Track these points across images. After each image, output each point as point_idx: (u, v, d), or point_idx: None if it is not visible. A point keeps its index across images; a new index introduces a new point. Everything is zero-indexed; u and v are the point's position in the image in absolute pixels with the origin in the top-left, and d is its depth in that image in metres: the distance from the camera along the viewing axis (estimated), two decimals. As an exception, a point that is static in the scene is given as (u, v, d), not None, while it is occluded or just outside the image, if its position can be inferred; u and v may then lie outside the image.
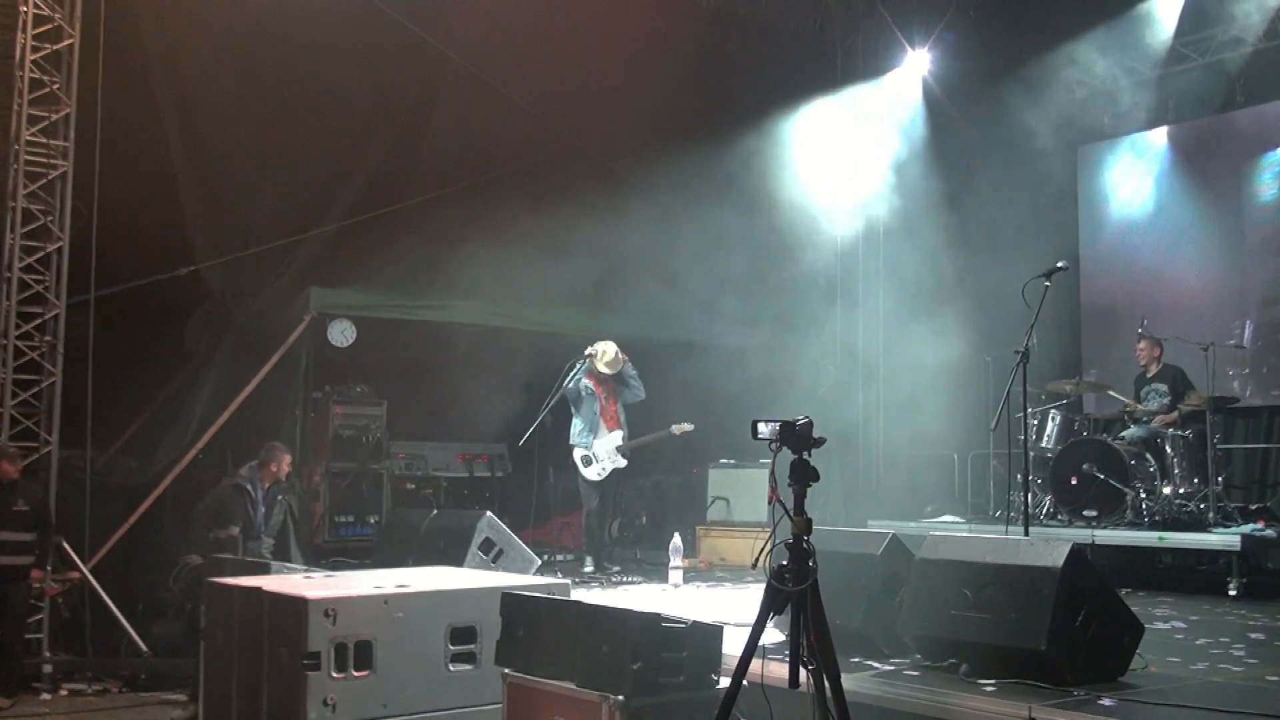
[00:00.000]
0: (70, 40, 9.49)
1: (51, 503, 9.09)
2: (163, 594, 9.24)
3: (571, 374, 10.96)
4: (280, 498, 9.48)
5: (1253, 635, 7.17)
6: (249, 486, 9.32)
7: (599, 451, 10.95)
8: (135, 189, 10.04)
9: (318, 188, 11.38)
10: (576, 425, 11.06)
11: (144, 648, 9.15)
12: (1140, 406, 10.69)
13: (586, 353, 10.94)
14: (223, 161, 10.81)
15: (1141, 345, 10.85)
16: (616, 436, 10.98)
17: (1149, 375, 10.82)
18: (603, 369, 10.87)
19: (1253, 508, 10.62)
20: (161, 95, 10.55)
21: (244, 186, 10.83)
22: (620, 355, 10.95)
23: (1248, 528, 9.51)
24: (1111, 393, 11.11)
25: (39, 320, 9.37)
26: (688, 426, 11.11)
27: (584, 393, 11.01)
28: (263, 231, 10.93)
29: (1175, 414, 10.38)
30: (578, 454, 10.97)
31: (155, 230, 10.52)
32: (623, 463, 10.97)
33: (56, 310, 9.42)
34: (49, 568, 8.83)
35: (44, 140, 9.43)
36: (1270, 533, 9.53)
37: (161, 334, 11.07)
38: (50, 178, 9.45)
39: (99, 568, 9.43)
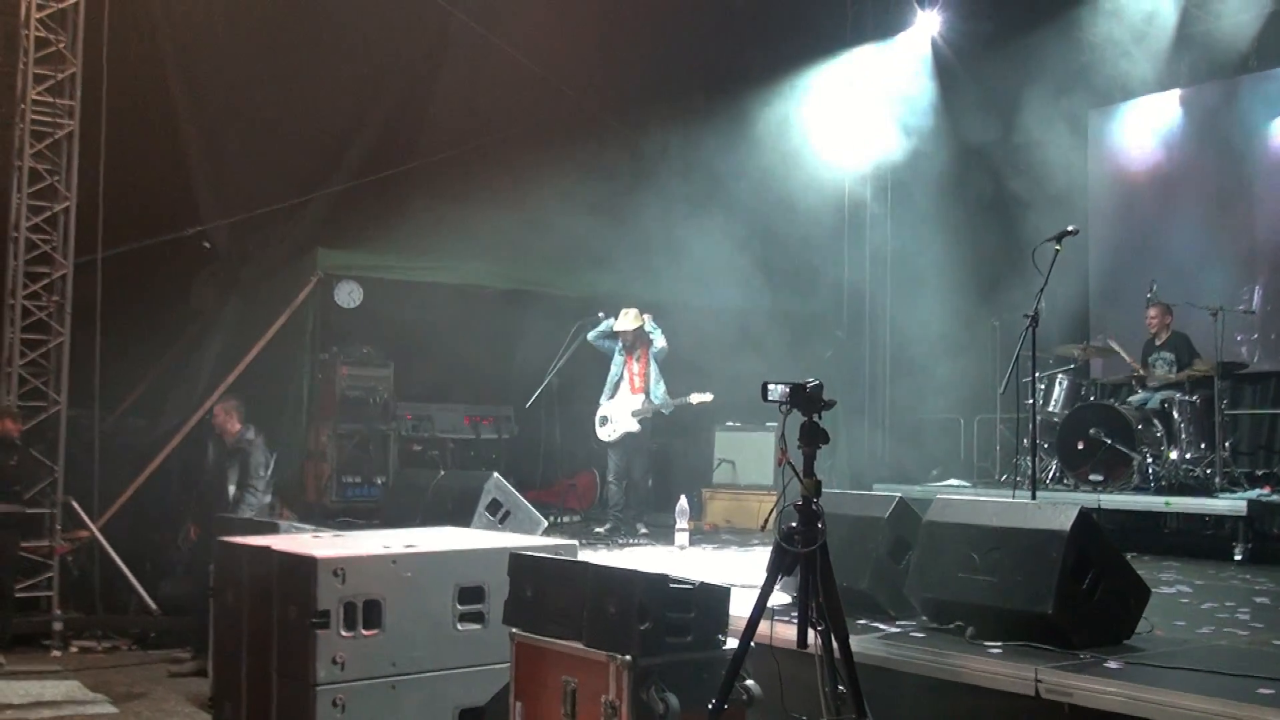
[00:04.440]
0: (75, -2, 9.44)
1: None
2: (170, 553, 9.29)
3: (574, 341, 10.84)
4: None
5: (1258, 600, 7.18)
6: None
7: (613, 413, 10.76)
8: (142, 149, 10.04)
9: (325, 148, 11.35)
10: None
11: (153, 606, 9.21)
12: (1153, 371, 10.65)
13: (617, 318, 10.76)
14: (229, 121, 10.79)
15: (1152, 313, 10.81)
16: (636, 400, 10.71)
17: (1157, 343, 10.79)
18: (624, 326, 10.65)
19: (1259, 473, 10.62)
20: (168, 54, 10.52)
21: (251, 146, 10.80)
22: (638, 313, 10.76)
23: (1254, 493, 9.52)
24: (1114, 344, 11.06)
25: (46, 280, 9.37)
26: (707, 397, 10.70)
27: (613, 353, 10.88)
28: (269, 192, 10.91)
29: (1183, 378, 10.36)
30: (597, 414, 10.86)
31: (162, 190, 10.52)
32: (635, 427, 10.64)
33: (64, 270, 9.42)
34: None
35: (50, 99, 9.40)
36: (1276, 498, 9.52)
37: (168, 294, 11.08)
38: (56, 137, 9.42)
39: (108, 526, 9.48)
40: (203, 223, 10.81)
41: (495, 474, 8.76)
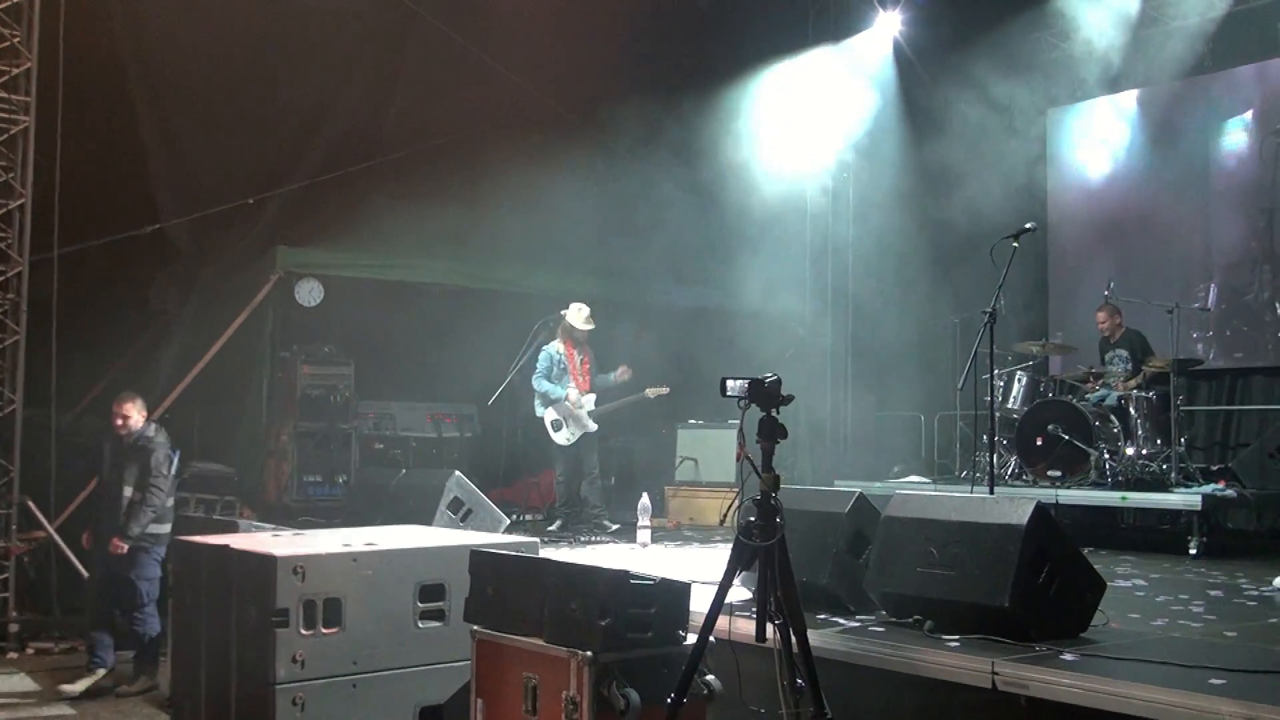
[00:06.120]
0: (31, -8, 9.32)
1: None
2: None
3: (535, 339, 10.81)
4: None
5: (1212, 593, 7.28)
6: None
7: (566, 414, 10.68)
8: (99, 145, 9.94)
9: (285, 145, 11.27)
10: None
11: (111, 607, 9.11)
12: (1107, 369, 10.79)
13: (560, 314, 10.73)
14: (188, 117, 10.70)
15: (1101, 316, 10.96)
16: (588, 400, 10.73)
17: (1112, 341, 10.93)
18: (583, 325, 10.63)
19: (1214, 468, 10.76)
20: (125, 50, 10.42)
21: (210, 143, 10.72)
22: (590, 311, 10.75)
23: (1209, 488, 9.63)
24: (1081, 367, 11.21)
25: (1, 278, 9.25)
26: (663, 390, 10.86)
27: (555, 356, 10.79)
28: (229, 189, 10.82)
29: (1138, 378, 10.48)
30: (548, 418, 10.75)
31: (120, 187, 10.41)
32: (593, 426, 10.70)
33: (19, 268, 9.29)
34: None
35: (5, 95, 9.26)
36: (1230, 493, 9.66)
37: (127, 292, 10.97)
38: (12, 133, 9.30)
39: (65, 527, 9.38)
40: (161, 220, 10.70)
41: (457, 472, 8.74)
